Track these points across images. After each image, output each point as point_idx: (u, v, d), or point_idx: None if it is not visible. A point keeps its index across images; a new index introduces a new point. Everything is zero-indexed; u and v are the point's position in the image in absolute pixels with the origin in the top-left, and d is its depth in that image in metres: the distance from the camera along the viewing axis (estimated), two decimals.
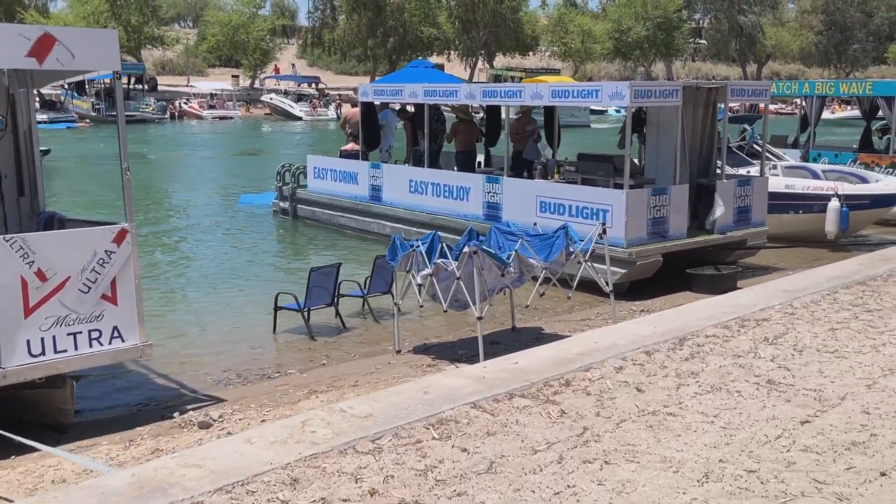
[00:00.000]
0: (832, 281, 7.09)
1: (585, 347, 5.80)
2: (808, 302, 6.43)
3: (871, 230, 16.17)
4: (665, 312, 6.93)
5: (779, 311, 6.23)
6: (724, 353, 5.48)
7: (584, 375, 5.17)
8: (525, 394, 4.94)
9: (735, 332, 5.90)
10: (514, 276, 7.91)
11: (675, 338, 5.85)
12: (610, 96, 10.85)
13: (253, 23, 61.72)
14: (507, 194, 12.48)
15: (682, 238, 11.49)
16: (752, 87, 12.18)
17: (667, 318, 6.46)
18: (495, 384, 5.03)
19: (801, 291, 6.73)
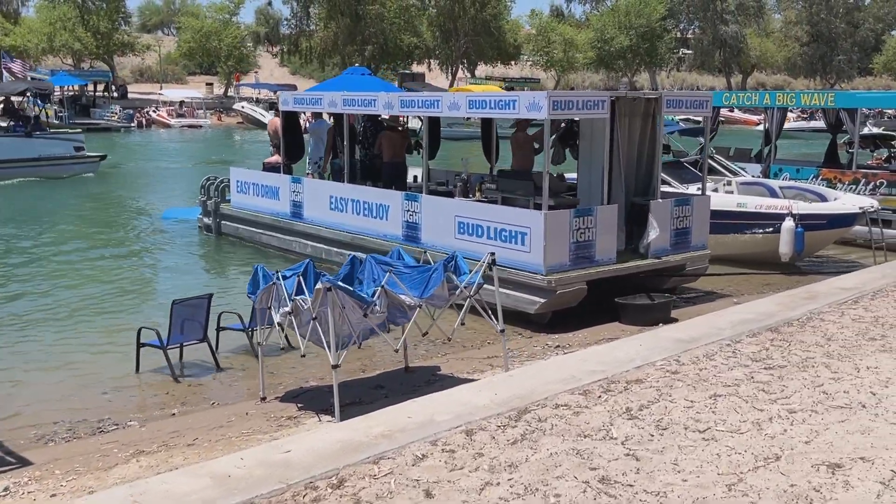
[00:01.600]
0: (738, 327, 6.03)
1: (392, 425, 4.69)
2: (700, 356, 5.37)
3: (834, 251, 15.17)
4: (517, 372, 5.79)
5: (660, 368, 5.17)
6: (567, 433, 4.41)
7: (369, 470, 4.08)
8: None
9: (594, 400, 4.83)
10: (380, 316, 6.80)
11: (514, 409, 4.78)
12: (528, 107, 9.80)
13: (225, 29, 60.55)
14: (426, 213, 11.42)
15: (612, 263, 10.43)
16: (690, 97, 11.18)
17: (515, 382, 5.35)
18: (238, 489, 3.86)
19: (696, 341, 5.67)
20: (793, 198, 14.85)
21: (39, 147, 25.52)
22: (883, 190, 15.46)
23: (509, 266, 10.20)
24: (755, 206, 13.63)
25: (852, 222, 13.50)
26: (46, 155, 25.40)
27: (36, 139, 25.81)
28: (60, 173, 25.26)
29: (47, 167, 25.24)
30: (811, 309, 6.51)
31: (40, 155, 25.36)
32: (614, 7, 77.86)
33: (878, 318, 6.24)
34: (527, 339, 9.76)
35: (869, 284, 7.18)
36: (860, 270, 8.10)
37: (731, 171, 15.60)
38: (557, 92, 9.88)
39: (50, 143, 25.84)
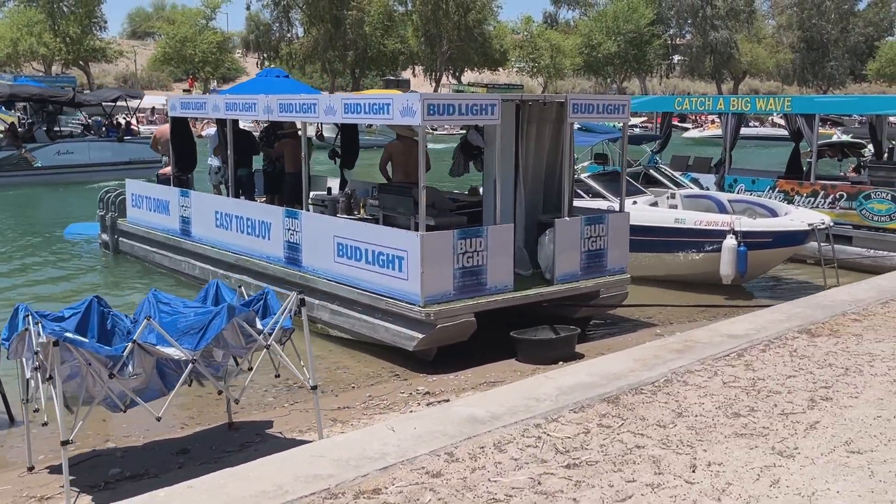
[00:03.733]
0: (566, 396, 4.61)
1: None
2: (489, 445, 3.94)
3: (787, 270, 13.79)
4: (295, 453, 4.32)
5: (417, 469, 3.70)
6: None
7: None
8: None
9: None
10: (136, 379, 5.36)
11: None
12: (401, 112, 8.43)
13: (201, 35, 59.18)
14: (307, 233, 10.04)
15: (507, 291, 9.04)
16: (604, 101, 9.81)
17: (268, 471, 3.89)
18: None
19: (496, 420, 4.25)
20: (742, 212, 13.52)
21: (131, 151, 27.42)
22: (843, 203, 14.09)
23: (387, 295, 8.86)
24: (694, 221, 12.26)
25: (802, 240, 12.11)
26: (137, 159, 26.74)
27: (127, 143, 27.99)
28: (151, 176, 25.06)
29: (138, 170, 24.94)
30: (676, 367, 5.13)
31: (131, 158, 27.01)
32: (602, 13, 76.57)
33: (757, 381, 4.85)
34: (400, 383, 8.38)
35: (766, 330, 5.81)
36: (765, 310, 6.72)
37: (675, 183, 14.23)
38: (434, 95, 8.52)
39: (140, 148, 26.95)
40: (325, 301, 9.74)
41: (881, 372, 4.96)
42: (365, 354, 9.30)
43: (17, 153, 26.30)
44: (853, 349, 5.33)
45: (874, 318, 6.18)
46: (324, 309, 9.75)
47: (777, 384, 4.77)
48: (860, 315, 6.22)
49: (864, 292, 7.00)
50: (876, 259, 13.66)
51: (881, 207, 13.57)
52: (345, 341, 9.64)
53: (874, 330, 5.83)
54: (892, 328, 5.85)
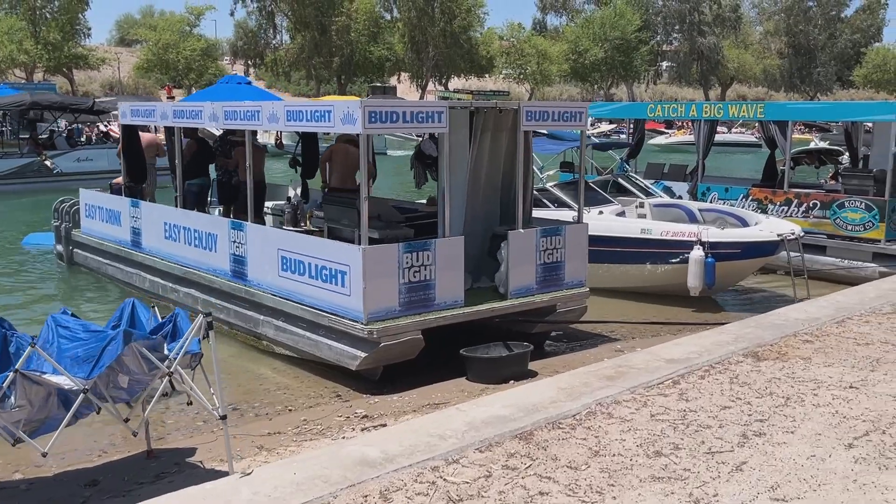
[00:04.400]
0: (473, 432, 4.18)
1: None
2: (361, 498, 3.48)
3: (760, 281, 13.43)
4: None
5: None
6: None
7: None
8: None
9: None
10: (20, 412, 4.92)
11: None
12: (342, 119, 8.05)
13: (184, 42, 58.71)
14: (252, 245, 9.63)
15: (457, 307, 8.65)
16: (558, 108, 9.43)
17: None
18: None
19: (389, 462, 3.80)
20: (712, 222, 13.17)
21: None
22: (816, 212, 13.75)
23: (330, 311, 8.46)
24: (661, 232, 11.89)
25: (772, 251, 11.76)
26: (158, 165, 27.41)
27: None
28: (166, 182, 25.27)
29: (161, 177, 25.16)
30: (603, 397, 4.72)
31: None
32: (588, 19, 76.47)
33: (689, 413, 4.47)
34: (340, 405, 7.96)
35: (709, 353, 5.41)
36: (712, 330, 6.34)
37: (645, 192, 13.86)
38: (376, 101, 8.14)
39: None
40: (270, 317, 9.34)
41: (824, 402, 4.59)
42: (310, 374, 8.89)
43: (38, 160, 26.49)
44: (799, 375, 4.96)
45: (827, 339, 5.80)
46: (269, 325, 9.35)
47: (709, 417, 4.39)
48: (813, 335, 5.85)
49: (819, 310, 6.63)
50: (850, 270, 13.33)
51: (855, 216, 13.24)
52: (291, 360, 9.24)
53: (824, 353, 5.46)
54: (843, 351, 5.48)
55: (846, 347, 5.57)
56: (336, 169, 10.17)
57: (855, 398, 4.65)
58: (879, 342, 5.73)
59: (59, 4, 55.55)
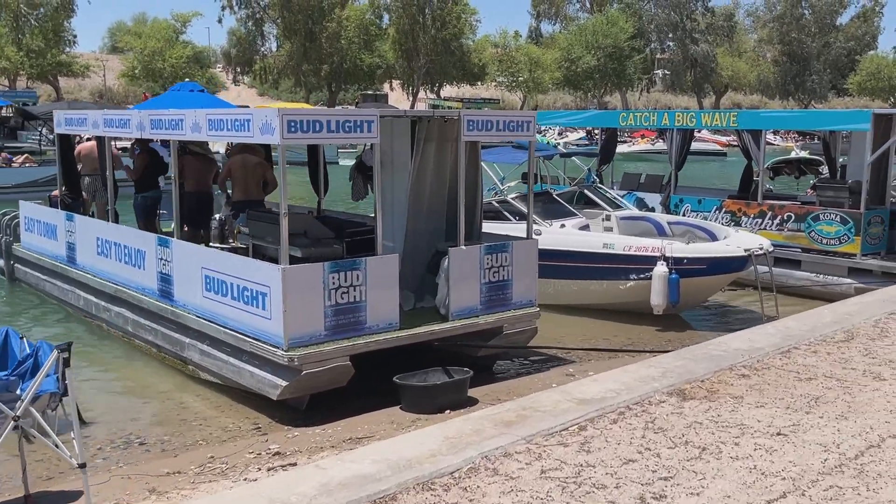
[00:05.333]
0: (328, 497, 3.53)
1: None
2: None
3: (732, 298, 12.83)
4: None
5: None
6: None
7: None
8: None
9: None
10: None
11: None
12: (261, 129, 7.46)
13: (170, 49, 58.11)
14: (178, 263, 9.02)
15: (391, 330, 8.05)
16: (504, 118, 8.82)
17: None
18: None
19: None
20: (681, 235, 12.60)
21: None
22: (790, 225, 13.17)
23: (252, 336, 7.86)
24: (623, 247, 11.30)
25: (740, 267, 11.15)
26: None
27: None
28: None
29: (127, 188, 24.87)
30: (493, 448, 4.10)
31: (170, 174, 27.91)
32: (581, 27, 76.00)
33: (585, 469, 3.84)
34: (257, 439, 7.34)
35: (629, 391, 4.80)
36: (640, 363, 5.71)
37: (613, 204, 13.27)
38: (296, 110, 7.54)
39: None
40: (195, 340, 8.74)
41: (744, 453, 3.98)
42: (234, 403, 8.28)
43: None
44: (724, 419, 4.36)
45: (766, 373, 5.20)
46: (194, 349, 8.75)
47: (607, 474, 3.79)
48: (751, 369, 5.25)
49: (765, 338, 6.02)
50: (826, 285, 12.75)
51: (830, 230, 12.66)
52: (218, 387, 8.63)
53: (760, 390, 4.86)
54: (781, 388, 4.88)
55: (785, 383, 4.97)
56: (236, 180, 9.62)
57: (780, 449, 4.05)
58: (823, 377, 5.14)
59: (44, 11, 55.01)
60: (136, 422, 7.86)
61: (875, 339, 6.05)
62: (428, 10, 66.05)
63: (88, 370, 9.36)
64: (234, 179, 10.23)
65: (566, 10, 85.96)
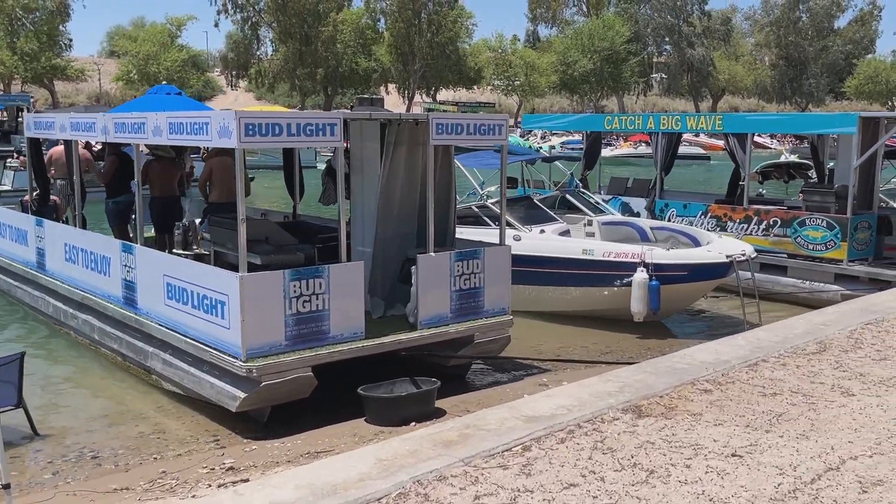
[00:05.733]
0: None
1: None
2: None
3: (715, 304, 12.60)
4: None
5: None
6: None
7: None
8: None
9: None
10: None
11: None
12: (219, 132, 7.24)
13: (165, 53, 57.89)
14: (142, 270, 8.80)
15: (356, 340, 7.82)
16: (474, 121, 8.59)
17: None
18: None
19: None
20: (665, 241, 12.39)
21: None
22: (777, 230, 12.95)
23: (212, 346, 7.64)
24: (603, 253, 11.07)
25: (722, 273, 10.93)
26: None
27: None
28: None
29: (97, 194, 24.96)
30: (427, 471, 3.80)
31: None
32: (577, 30, 75.90)
33: (522, 495, 3.55)
34: (213, 453, 7.11)
35: (583, 407, 4.54)
36: (599, 376, 5.43)
37: (594, 209, 13.05)
38: (254, 113, 7.32)
39: None
40: (158, 349, 8.51)
41: (694, 476, 3.73)
42: (196, 414, 8.04)
43: None
44: (679, 438, 4.13)
45: (730, 387, 4.97)
46: (157, 358, 8.51)
47: (545, 500, 3.53)
48: (715, 383, 5.02)
49: (733, 350, 5.78)
50: (812, 292, 12.52)
51: (816, 235, 12.43)
52: (181, 398, 8.39)
53: (720, 406, 4.62)
54: (743, 404, 4.65)
55: (748, 399, 4.73)
56: (215, 182, 9.41)
57: (733, 472, 3.81)
58: (789, 391, 4.91)
59: (39, 15, 54.87)
60: (91, 434, 7.63)
61: (848, 350, 5.82)
62: (424, 13, 65.97)
63: (50, 380, 9.15)
64: (214, 182, 10.02)
65: (563, 13, 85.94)
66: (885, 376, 5.24)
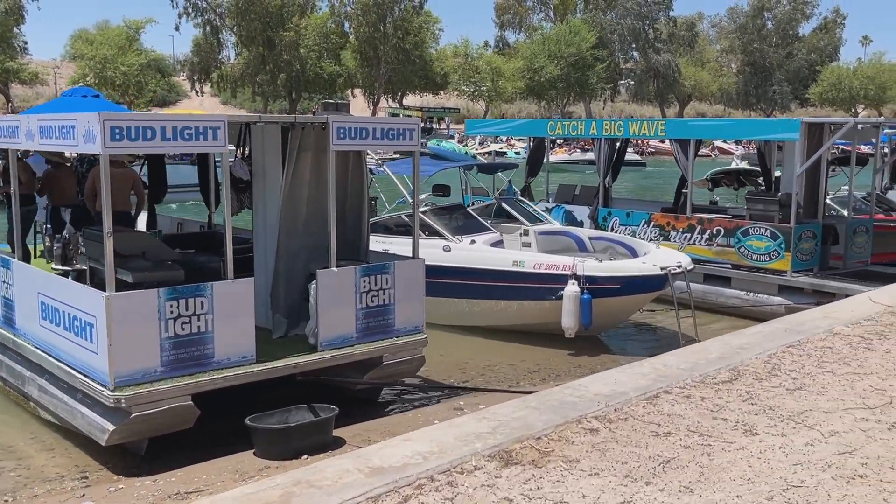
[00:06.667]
0: None
1: None
2: None
3: (658, 317, 12.04)
4: None
5: None
6: None
7: None
8: None
9: None
10: None
11: None
12: (84, 137, 6.54)
13: (122, 57, 56.59)
14: (20, 287, 8.05)
15: (245, 364, 7.14)
16: (381, 125, 7.93)
17: None
18: None
19: None
20: (603, 251, 11.86)
21: None
22: (720, 239, 12.45)
23: (83, 372, 6.92)
24: (534, 265, 10.48)
25: (658, 285, 10.38)
26: None
27: None
28: None
29: None
30: None
31: None
32: (544, 36, 75.65)
33: None
34: (72, 493, 6.39)
35: (441, 455, 3.89)
36: (474, 414, 4.77)
37: (531, 218, 12.46)
38: (121, 115, 6.65)
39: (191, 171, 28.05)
40: (35, 374, 7.78)
41: None
42: (72, 446, 7.31)
43: None
44: (543, 493, 3.49)
45: (620, 426, 4.35)
46: (33, 384, 7.77)
47: None
48: (605, 420, 4.40)
49: (634, 380, 5.15)
50: (756, 304, 12.04)
51: (760, 245, 11.94)
52: (59, 427, 7.65)
53: (602, 451, 3.99)
54: (630, 446, 4.02)
55: (637, 440, 4.12)
56: None
57: None
58: (686, 430, 4.31)
59: None
60: None
61: (762, 378, 5.25)
62: (389, 18, 65.35)
63: None
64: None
65: (530, 19, 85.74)
66: (795, 410, 4.68)
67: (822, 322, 6.77)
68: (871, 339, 6.18)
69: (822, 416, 4.59)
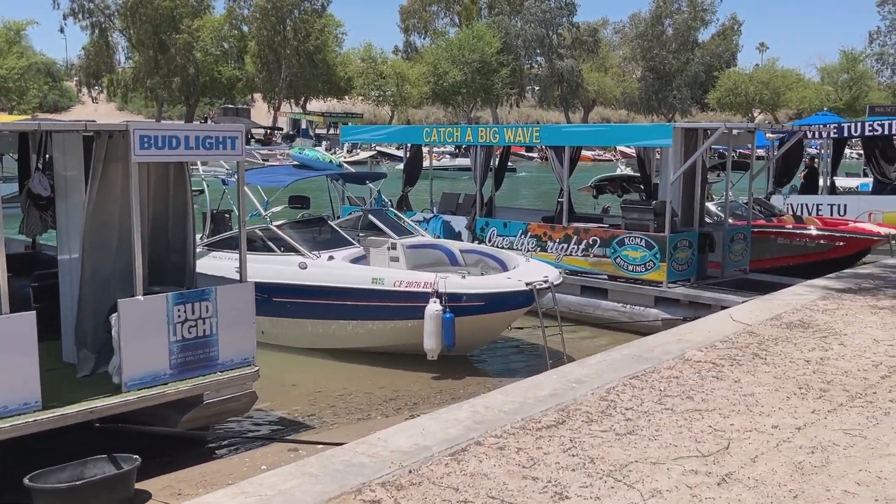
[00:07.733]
0: None
1: None
2: None
3: (531, 335, 11.42)
4: None
5: None
6: None
7: None
8: None
9: None
10: None
11: None
12: None
13: (2, 59, 53.42)
14: None
15: (27, 412, 6.12)
16: (202, 133, 7.02)
17: None
18: None
19: None
20: (474, 264, 11.19)
21: None
22: (596, 250, 11.95)
23: None
24: (394, 282, 9.71)
25: (525, 302, 9.73)
26: None
27: None
28: None
29: None
30: None
31: None
32: (448, 41, 75.45)
33: None
34: None
35: None
36: (214, 494, 4.01)
37: (399, 230, 11.68)
38: None
39: None
40: None
41: None
42: None
43: None
44: None
45: (411, 493, 3.57)
46: None
47: None
48: (392, 487, 3.56)
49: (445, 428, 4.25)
50: (633, 317, 11.58)
51: (635, 255, 11.49)
52: None
53: None
54: None
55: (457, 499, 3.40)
56: None
57: None
58: (485, 496, 3.58)
59: None
60: None
61: (594, 420, 4.61)
62: (289, 21, 63.83)
63: None
64: None
65: (435, 24, 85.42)
66: (618, 463, 4.03)
67: (674, 346, 6.21)
68: (723, 365, 5.64)
69: (647, 470, 3.96)
